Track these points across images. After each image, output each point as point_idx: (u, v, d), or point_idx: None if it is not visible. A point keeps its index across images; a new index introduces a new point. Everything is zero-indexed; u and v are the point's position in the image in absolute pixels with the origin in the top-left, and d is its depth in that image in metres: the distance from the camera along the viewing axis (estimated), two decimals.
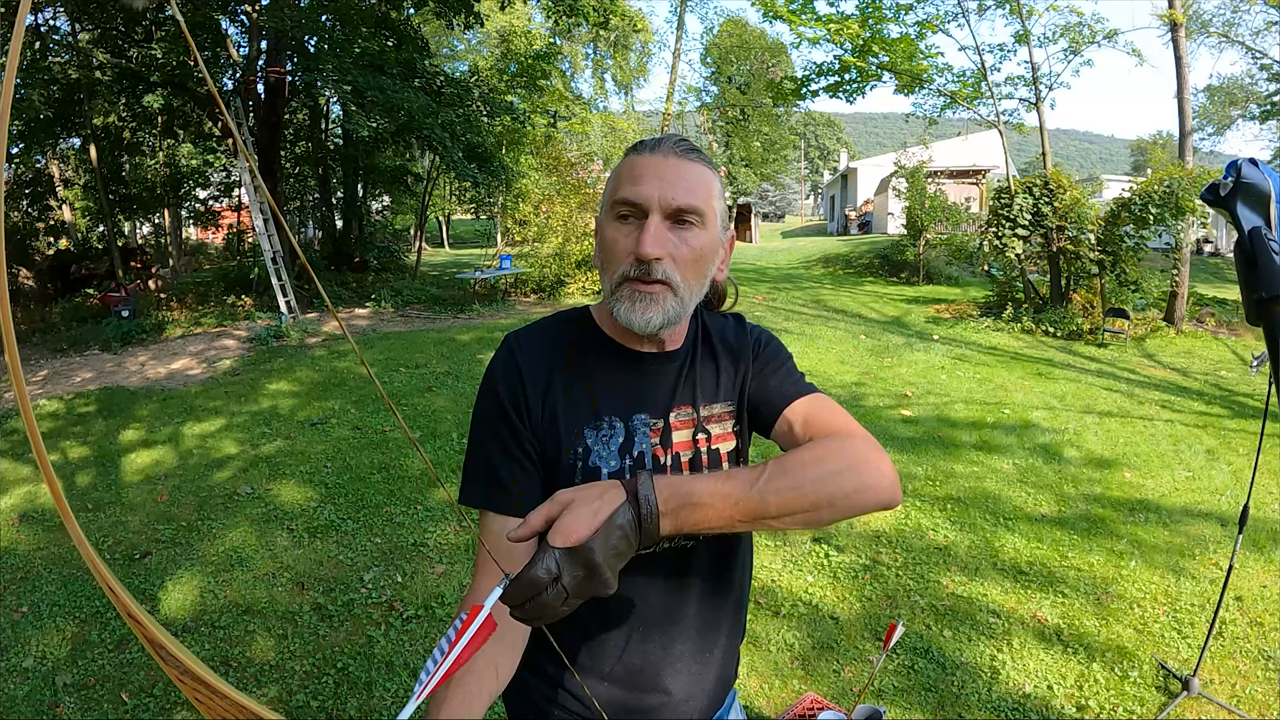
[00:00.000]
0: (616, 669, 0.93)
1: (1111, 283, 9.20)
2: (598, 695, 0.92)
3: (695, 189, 0.85)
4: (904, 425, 5.32)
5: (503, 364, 0.91)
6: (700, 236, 0.86)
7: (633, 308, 0.84)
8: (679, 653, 0.95)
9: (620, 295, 0.85)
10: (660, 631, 0.93)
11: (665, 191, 0.83)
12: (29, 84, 10.11)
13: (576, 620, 0.90)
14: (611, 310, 0.86)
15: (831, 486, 0.74)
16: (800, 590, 3.04)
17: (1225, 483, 4.23)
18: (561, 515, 0.65)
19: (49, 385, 7.02)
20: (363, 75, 9.60)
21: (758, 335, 1.00)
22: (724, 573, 0.98)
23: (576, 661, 0.93)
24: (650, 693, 0.94)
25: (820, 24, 11.06)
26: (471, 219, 31.07)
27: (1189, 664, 2.50)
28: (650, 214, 0.83)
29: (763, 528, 0.74)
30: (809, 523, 0.74)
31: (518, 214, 13.04)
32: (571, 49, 28.46)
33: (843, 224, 27.45)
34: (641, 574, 0.90)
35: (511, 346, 0.93)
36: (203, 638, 2.77)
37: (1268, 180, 1.09)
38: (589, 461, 0.88)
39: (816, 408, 0.90)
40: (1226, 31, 16.71)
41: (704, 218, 0.86)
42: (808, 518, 0.73)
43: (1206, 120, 23.90)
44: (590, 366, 0.91)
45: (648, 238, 0.82)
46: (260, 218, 10.16)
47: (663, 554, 0.91)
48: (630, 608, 0.92)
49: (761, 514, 0.71)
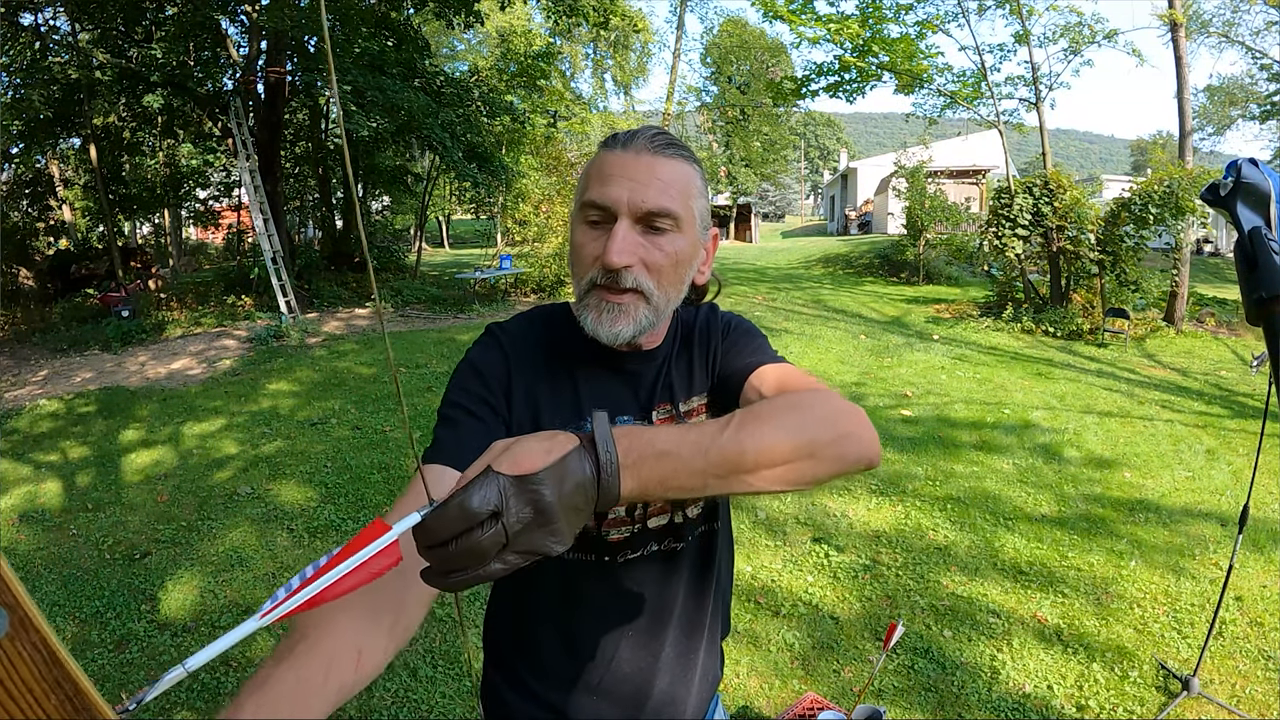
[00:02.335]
0: (605, 680, 0.90)
1: (1111, 283, 9.20)
2: (585, 710, 0.90)
3: (669, 189, 0.79)
4: (904, 425, 5.32)
5: (487, 349, 0.87)
6: (675, 240, 0.80)
7: (600, 319, 0.79)
8: (666, 656, 0.93)
9: (588, 304, 0.80)
10: (650, 636, 0.91)
11: (635, 194, 0.77)
12: (29, 84, 10.11)
13: (563, 631, 0.89)
14: (580, 319, 0.82)
15: (811, 432, 0.65)
16: (800, 590, 3.04)
17: (1225, 483, 4.23)
18: (508, 449, 0.54)
19: (49, 385, 7.01)
20: (363, 75, 9.60)
21: (729, 319, 0.95)
22: (707, 572, 0.96)
23: (562, 674, 0.90)
24: (640, 704, 0.92)
25: (820, 24, 11.06)
26: (471, 219, 31.06)
27: (1189, 664, 2.50)
28: (619, 218, 0.78)
29: (740, 488, 0.61)
30: (791, 479, 0.63)
31: (518, 214, 13.02)
32: (571, 49, 28.46)
33: (843, 224, 27.45)
34: (630, 579, 0.89)
35: (498, 335, 0.89)
36: (203, 637, 2.77)
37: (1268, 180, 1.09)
38: None
39: (786, 373, 0.83)
40: (1226, 31, 16.72)
41: (679, 220, 0.80)
42: (789, 471, 0.62)
43: (1206, 120, 23.91)
44: (572, 365, 0.87)
45: (614, 245, 0.76)
46: (260, 217, 10.16)
47: (651, 556, 0.90)
48: (619, 614, 0.90)
49: (738, 466, 0.60)
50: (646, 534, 0.89)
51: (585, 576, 0.88)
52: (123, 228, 16.43)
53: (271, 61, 10.73)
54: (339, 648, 0.57)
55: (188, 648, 2.71)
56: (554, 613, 0.91)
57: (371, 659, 0.59)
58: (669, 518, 0.90)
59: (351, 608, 0.59)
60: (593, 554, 0.87)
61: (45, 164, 13.30)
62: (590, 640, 0.90)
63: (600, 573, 0.88)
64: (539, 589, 0.90)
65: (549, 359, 0.88)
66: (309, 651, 0.56)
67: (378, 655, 0.60)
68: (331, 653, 0.56)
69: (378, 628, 0.61)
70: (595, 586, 0.89)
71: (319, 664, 0.55)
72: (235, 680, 2.51)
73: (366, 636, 0.59)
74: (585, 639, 0.90)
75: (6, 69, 10.33)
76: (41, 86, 10.14)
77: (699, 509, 0.92)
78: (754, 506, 3.86)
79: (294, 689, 0.53)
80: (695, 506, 0.92)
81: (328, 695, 0.54)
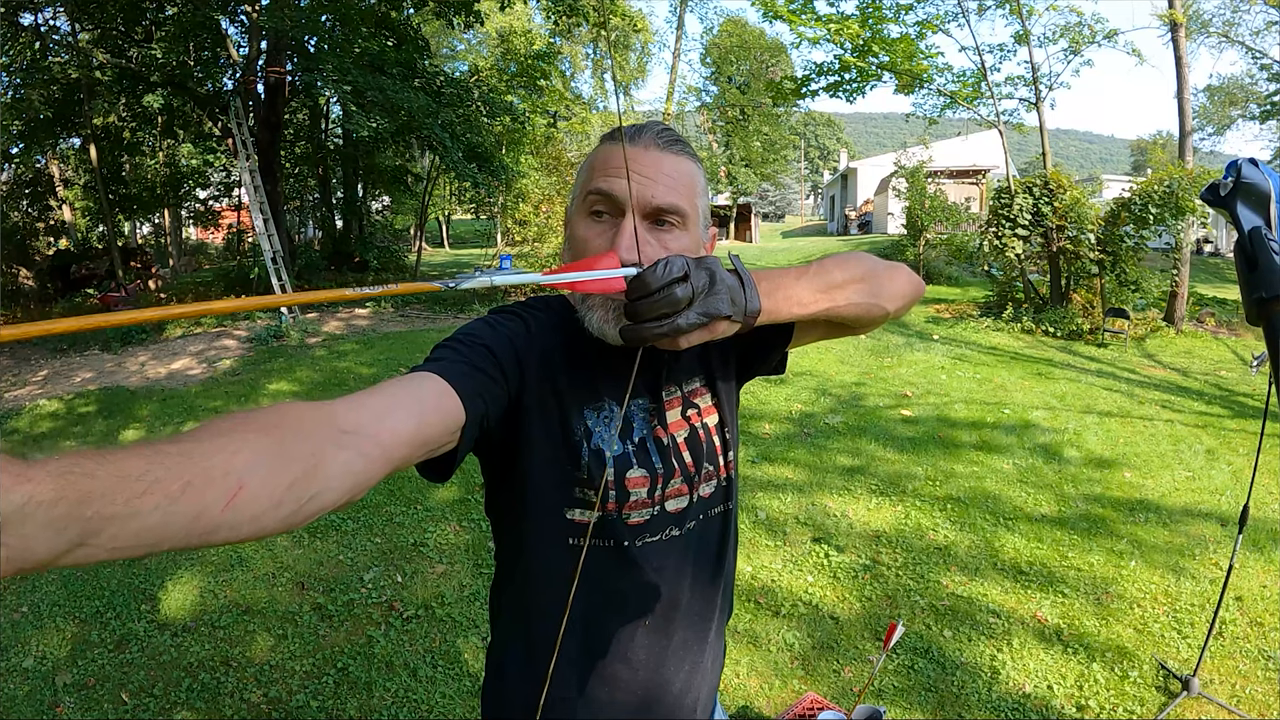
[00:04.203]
0: (620, 670, 0.89)
1: (1111, 283, 9.20)
2: (599, 699, 0.89)
3: (677, 186, 0.79)
4: (904, 425, 5.32)
5: (512, 318, 0.85)
6: (681, 239, 0.80)
7: (605, 318, 0.78)
8: (681, 641, 0.92)
9: (592, 304, 0.79)
10: (666, 621, 0.91)
11: (644, 188, 0.77)
12: (29, 84, 10.12)
13: (578, 623, 0.87)
14: (582, 318, 0.80)
15: (870, 262, 0.87)
16: (800, 590, 3.04)
17: (1225, 483, 4.23)
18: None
19: (49, 385, 7.02)
20: (363, 75, 9.61)
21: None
22: (722, 554, 0.96)
23: (576, 666, 0.88)
24: (656, 693, 0.91)
25: (820, 24, 11.05)
26: (471, 219, 31.05)
27: (1189, 664, 2.50)
28: (627, 213, 0.77)
29: (829, 310, 0.80)
30: (867, 298, 0.84)
31: (518, 214, 13.03)
32: (571, 49, 28.45)
33: (843, 224, 27.44)
34: (649, 565, 0.88)
35: (521, 312, 0.86)
36: (203, 638, 2.77)
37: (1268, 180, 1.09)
38: (591, 442, 0.83)
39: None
40: (1226, 31, 16.72)
41: (685, 218, 0.80)
42: (863, 291, 0.83)
43: (1206, 120, 23.93)
44: (585, 347, 0.85)
45: (624, 241, 0.75)
46: (260, 218, 10.17)
47: (670, 540, 0.89)
48: (636, 602, 0.89)
49: (829, 284, 0.80)
50: (665, 517, 0.88)
51: (603, 565, 0.86)
52: (123, 228, 16.45)
53: (271, 61, 10.74)
54: (218, 468, 0.44)
55: (188, 647, 2.70)
56: (567, 605, 0.89)
57: (252, 504, 0.46)
58: (687, 499, 0.89)
59: (256, 441, 0.48)
60: (611, 539, 0.86)
61: (45, 164, 13.31)
62: (606, 630, 0.89)
63: (618, 559, 0.87)
64: (554, 582, 0.88)
65: (569, 337, 0.86)
66: (180, 455, 0.43)
67: (262, 504, 0.46)
68: (206, 470, 0.44)
69: (278, 474, 0.48)
70: (613, 574, 0.87)
71: (181, 470, 0.42)
72: (235, 680, 2.52)
73: (259, 474, 0.46)
74: (602, 629, 0.89)
75: (6, 69, 10.34)
76: (41, 86, 10.15)
77: (713, 487, 0.92)
78: (754, 507, 3.86)
79: (132, 482, 0.40)
80: (709, 485, 0.91)
81: (176, 512, 0.41)
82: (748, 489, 4.09)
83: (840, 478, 4.29)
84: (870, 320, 0.88)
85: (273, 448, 0.48)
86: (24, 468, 0.36)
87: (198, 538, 0.43)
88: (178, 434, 0.46)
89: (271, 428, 0.50)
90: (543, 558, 0.87)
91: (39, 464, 0.37)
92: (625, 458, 0.85)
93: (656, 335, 0.65)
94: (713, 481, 0.92)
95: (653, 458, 0.87)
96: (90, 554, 0.38)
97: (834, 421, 5.36)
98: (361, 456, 0.55)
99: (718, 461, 0.92)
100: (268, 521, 0.47)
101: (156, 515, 0.40)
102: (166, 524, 0.41)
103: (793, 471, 4.40)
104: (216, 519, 0.43)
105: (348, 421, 0.56)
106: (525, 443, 0.82)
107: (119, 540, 0.39)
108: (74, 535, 0.37)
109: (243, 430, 0.48)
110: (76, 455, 0.38)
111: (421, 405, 0.65)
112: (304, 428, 0.52)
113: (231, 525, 0.45)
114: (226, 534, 0.45)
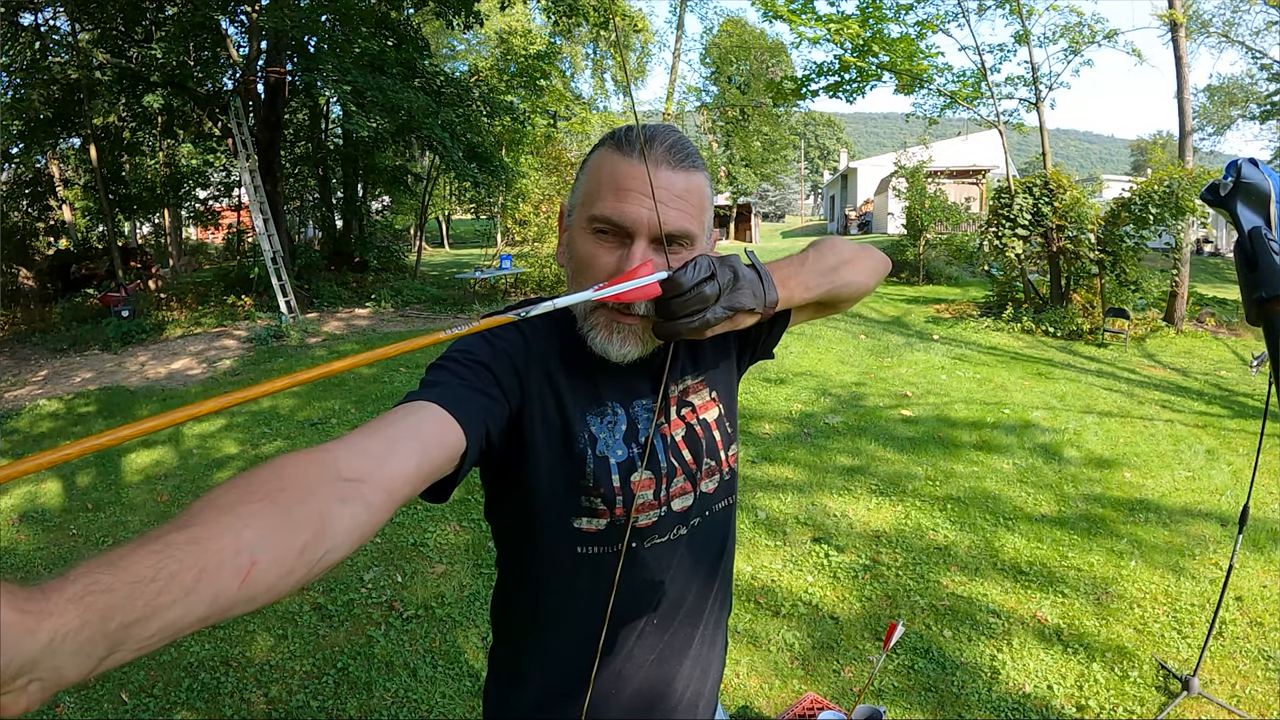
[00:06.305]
0: (626, 670, 0.90)
1: (1111, 283, 9.20)
2: (606, 700, 0.89)
3: (688, 209, 0.78)
4: (904, 425, 5.32)
5: (509, 329, 0.82)
6: (686, 258, 0.79)
7: (610, 338, 0.79)
8: (687, 639, 0.93)
9: (596, 322, 0.79)
10: (672, 621, 0.91)
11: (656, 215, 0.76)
12: (29, 84, 10.12)
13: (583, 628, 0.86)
14: (586, 335, 0.81)
15: (849, 245, 0.97)
16: (800, 590, 3.04)
17: (1225, 483, 4.23)
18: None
19: (49, 385, 7.02)
20: (363, 75, 9.60)
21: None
22: (724, 550, 0.97)
23: (580, 670, 0.88)
24: (662, 693, 0.91)
25: (820, 24, 11.04)
26: (471, 219, 31.07)
27: (1189, 664, 2.51)
28: (636, 239, 0.76)
29: (828, 291, 0.90)
30: (856, 276, 0.94)
31: (518, 214, 13.03)
32: (571, 49, 28.45)
33: (843, 224, 27.45)
34: (657, 565, 0.88)
35: (518, 322, 0.81)
36: (203, 637, 2.77)
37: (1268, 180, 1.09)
38: (596, 449, 0.83)
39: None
40: (1226, 31, 16.74)
41: (694, 240, 0.80)
42: (853, 270, 0.94)
43: (1206, 120, 23.93)
44: (585, 350, 0.84)
45: (633, 266, 0.75)
46: (260, 217, 10.16)
47: (676, 540, 0.89)
48: (643, 604, 0.89)
49: (827, 268, 0.91)
50: (672, 516, 0.88)
51: (610, 569, 0.86)
52: (123, 228, 16.45)
53: (271, 61, 10.73)
54: (228, 548, 0.44)
55: (188, 647, 2.70)
56: (575, 611, 0.88)
57: (266, 576, 0.46)
58: (691, 496, 0.89)
59: (262, 511, 0.48)
60: (618, 544, 0.85)
61: (45, 164, 13.29)
62: (614, 630, 0.88)
63: (628, 562, 0.86)
64: (562, 590, 0.88)
65: (566, 344, 0.85)
66: (189, 543, 0.43)
67: (275, 574, 0.47)
68: (217, 552, 0.44)
69: (287, 543, 0.48)
70: (621, 578, 0.87)
71: (193, 559, 0.42)
72: (235, 679, 2.52)
73: (269, 546, 0.47)
74: (610, 629, 0.88)
75: (6, 69, 10.33)
76: (41, 86, 10.15)
77: (716, 482, 0.92)
78: (754, 507, 3.86)
79: (148, 585, 0.39)
80: (712, 480, 0.91)
81: (193, 602, 0.41)
82: (748, 489, 4.09)
83: (840, 478, 4.29)
84: (855, 297, 0.97)
85: (279, 517, 0.49)
86: (43, 601, 0.36)
87: (216, 616, 0.44)
88: (183, 515, 0.46)
89: (275, 493, 0.50)
90: (550, 567, 0.87)
91: (56, 591, 0.37)
92: (630, 461, 0.85)
93: (689, 330, 0.73)
94: (715, 477, 0.92)
95: (657, 457, 0.87)
96: (117, 660, 0.39)
97: (834, 421, 5.36)
98: (367, 507, 0.55)
99: (719, 456, 0.92)
100: (282, 588, 0.48)
101: (176, 610, 0.41)
102: (187, 614, 0.42)
103: (793, 471, 4.41)
104: (233, 597, 0.44)
105: (350, 469, 0.56)
106: (529, 455, 0.82)
107: (143, 641, 0.40)
108: (102, 652, 0.38)
109: (246, 502, 0.48)
110: (90, 570, 0.38)
111: (423, 442, 0.64)
112: (307, 486, 0.52)
113: (248, 599, 0.45)
114: (244, 607, 0.46)
